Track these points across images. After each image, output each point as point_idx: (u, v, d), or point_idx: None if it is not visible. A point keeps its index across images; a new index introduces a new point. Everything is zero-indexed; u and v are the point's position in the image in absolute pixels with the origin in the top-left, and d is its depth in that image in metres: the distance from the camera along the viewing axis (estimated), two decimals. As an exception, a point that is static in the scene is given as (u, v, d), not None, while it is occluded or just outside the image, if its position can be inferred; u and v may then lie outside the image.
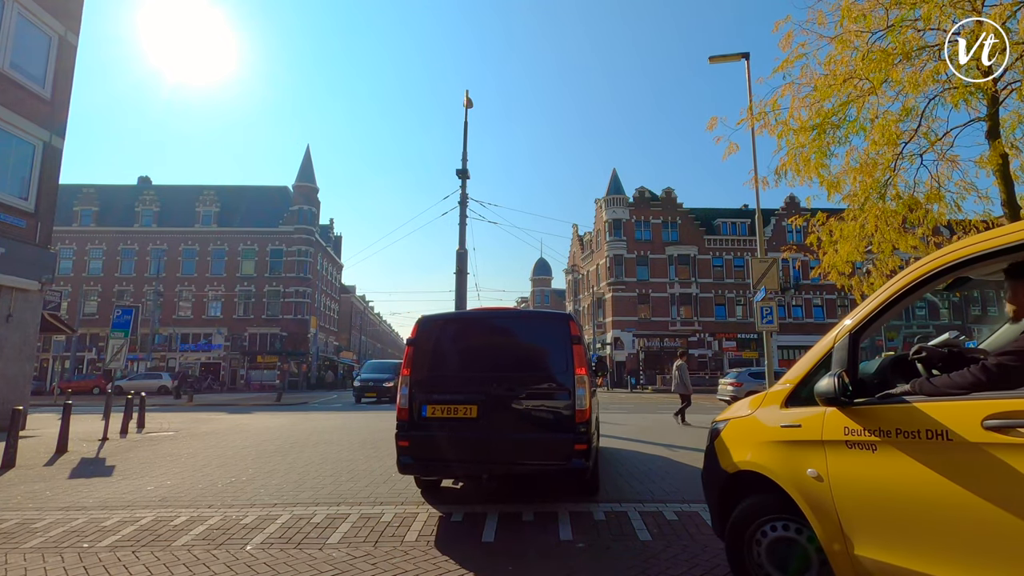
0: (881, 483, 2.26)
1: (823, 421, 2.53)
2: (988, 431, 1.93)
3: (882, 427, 2.28)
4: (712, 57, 13.02)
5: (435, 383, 5.20)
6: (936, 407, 2.14)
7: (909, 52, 6.59)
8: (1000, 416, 1.91)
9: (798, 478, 2.59)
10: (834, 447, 2.46)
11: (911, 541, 2.16)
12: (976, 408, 2.00)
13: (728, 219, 48.85)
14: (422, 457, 5.02)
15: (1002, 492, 1.89)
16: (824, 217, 8.29)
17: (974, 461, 1.97)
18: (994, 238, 2.16)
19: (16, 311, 12.83)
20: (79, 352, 39.79)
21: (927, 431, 2.12)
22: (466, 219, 19.04)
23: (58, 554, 3.93)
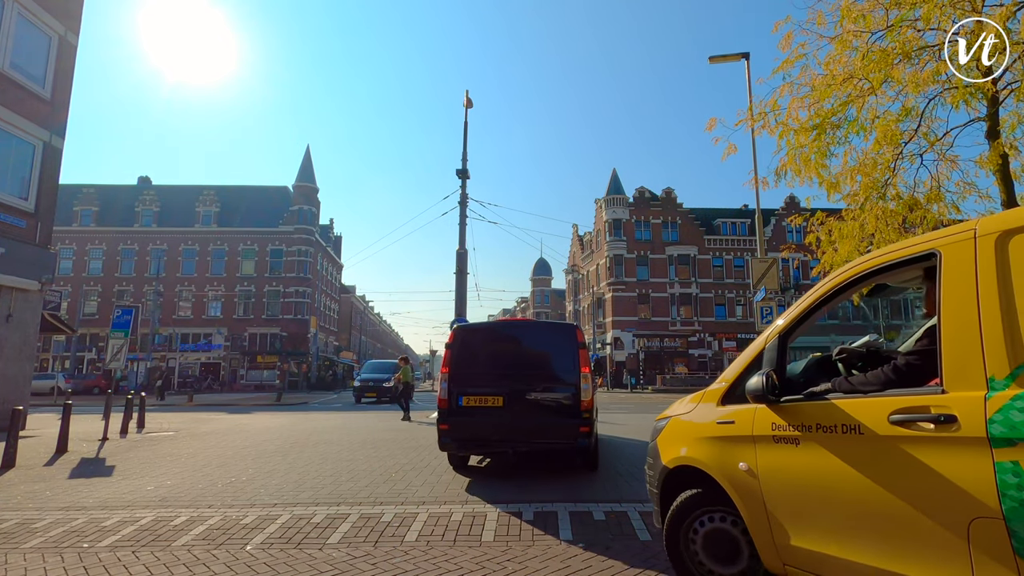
0: (803, 475, 2.44)
1: (754, 418, 2.70)
2: (893, 425, 2.12)
3: (804, 423, 2.46)
4: (712, 57, 13.03)
5: (469, 379, 6.59)
6: (850, 404, 2.32)
7: (909, 52, 6.59)
8: (903, 411, 2.10)
9: (731, 472, 2.75)
10: (763, 442, 2.63)
11: (827, 528, 2.35)
12: (883, 404, 2.19)
13: (728, 219, 48.85)
14: (459, 437, 6.45)
15: (904, 481, 2.08)
16: (824, 217, 8.29)
17: (881, 452, 2.16)
18: (902, 248, 2.38)
19: (16, 311, 12.83)
20: (79, 352, 39.79)
21: (842, 426, 2.30)
22: (466, 219, 19.04)
23: (58, 554, 3.93)
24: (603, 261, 47.88)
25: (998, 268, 1.99)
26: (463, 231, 19.01)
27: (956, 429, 1.95)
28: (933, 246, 2.24)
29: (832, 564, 2.32)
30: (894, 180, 7.57)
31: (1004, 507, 1.80)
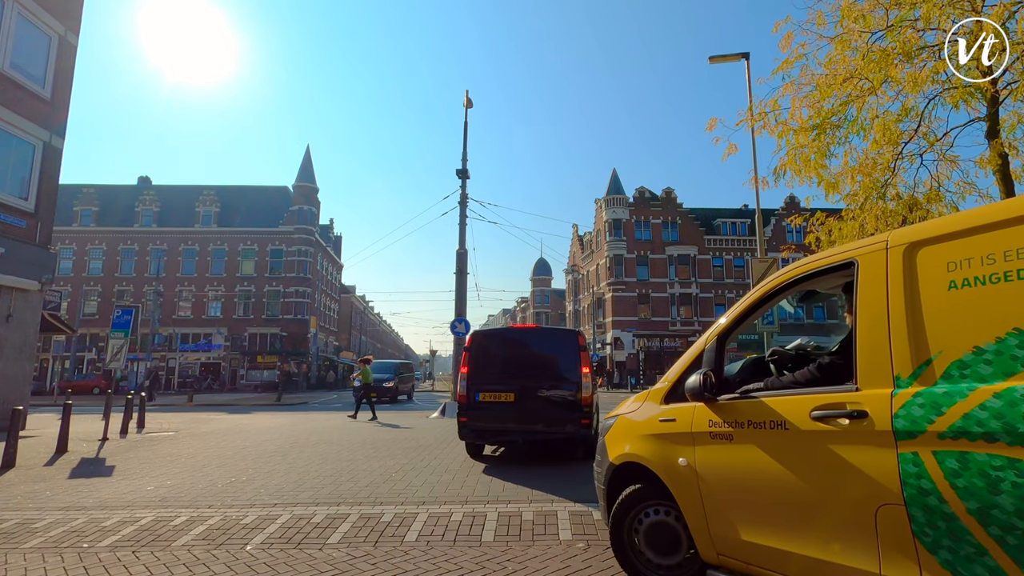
0: (735, 469, 2.60)
1: (693, 415, 2.86)
2: (814, 421, 2.28)
3: (738, 419, 2.63)
4: (712, 57, 13.02)
5: (484, 377, 7.48)
6: (777, 401, 2.49)
7: (909, 52, 6.58)
8: (822, 408, 2.27)
9: (671, 467, 2.91)
10: (701, 438, 2.79)
11: (755, 518, 2.51)
12: (806, 402, 2.36)
13: (728, 219, 48.83)
14: (476, 428, 7.43)
15: (822, 472, 2.24)
16: (823, 217, 8.28)
17: (803, 446, 2.33)
18: (827, 257, 2.56)
19: (16, 311, 12.83)
20: (79, 352, 39.77)
21: (770, 422, 2.47)
22: (466, 219, 19.04)
23: (58, 554, 3.93)
24: (603, 261, 47.87)
25: (905, 276, 2.16)
26: (463, 231, 19.00)
27: (867, 424, 2.11)
28: (852, 255, 2.42)
29: (759, 552, 2.49)
30: (894, 180, 7.57)
31: (905, 495, 1.97)
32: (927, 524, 1.92)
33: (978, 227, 2.03)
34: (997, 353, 1.87)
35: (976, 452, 1.83)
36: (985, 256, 1.96)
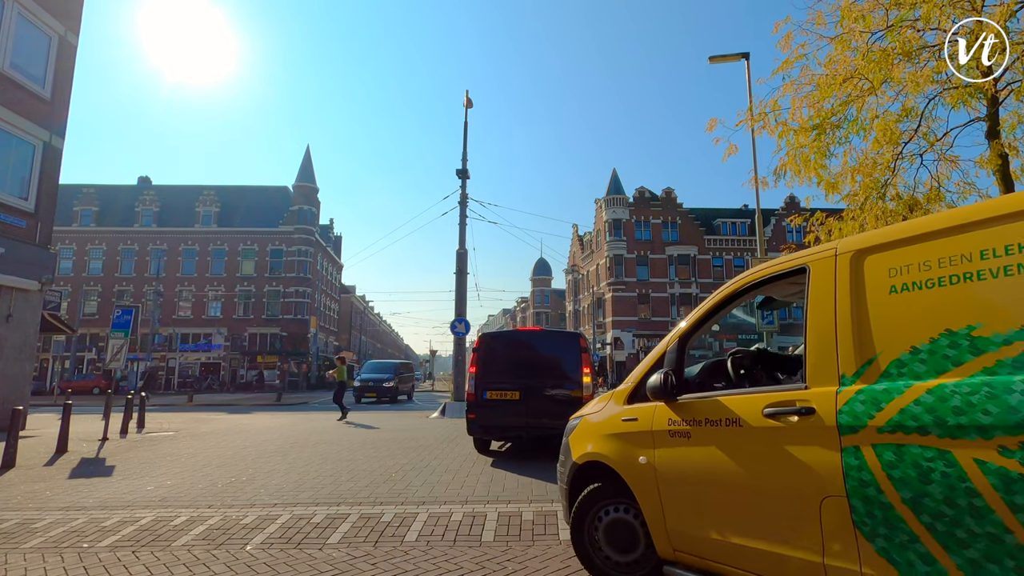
0: (692, 465, 2.70)
1: (654, 414, 2.97)
2: (766, 418, 2.38)
3: (696, 417, 2.73)
4: (712, 57, 13.02)
5: (491, 377, 7.97)
6: (733, 399, 2.61)
7: (909, 52, 6.58)
8: (774, 405, 2.38)
9: (632, 465, 3.01)
10: (661, 436, 2.90)
11: (710, 513, 2.61)
12: (759, 400, 2.47)
13: (728, 219, 48.83)
14: (483, 424, 7.94)
15: (772, 467, 2.34)
16: (823, 217, 8.28)
17: (756, 442, 2.43)
18: (781, 263, 2.69)
19: (16, 311, 12.83)
20: (79, 352, 39.77)
21: (725, 419, 2.58)
22: (466, 219, 19.04)
23: (58, 554, 3.93)
24: (603, 261, 47.87)
25: (852, 281, 2.29)
26: (463, 231, 19.00)
27: (814, 420, 2.22)
28: (804, 262, 2.55)
29: (713, 546, 2.58)
30: (894, 180, 7.57)
31: (847, 487, 2.08)
32: (866, 514, 2.03)
33: (917, 236, 2.16)
34: (931, 352, 2.00)
35: (910, 445, 1.94)
36: (922, 263, 2.10)
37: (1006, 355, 1.82)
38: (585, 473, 3.40)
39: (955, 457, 1.84)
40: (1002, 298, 1.89)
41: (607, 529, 3.19)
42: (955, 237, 2.04)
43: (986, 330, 1.89)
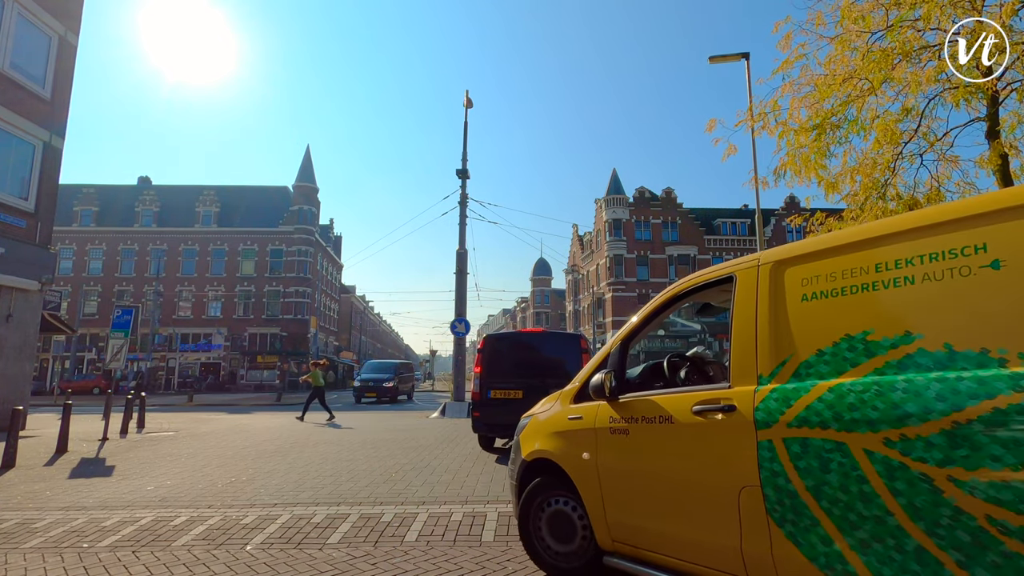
0: (630, 460, 2.89)
1: (597, 413, 3.14)
2: (695, 415, 2.57)
3: (634, 415, 2.91)
4: (712, 57, 13.03)
5: (496, 377, 8.32)
6: (666, 398, 2.79)
7: (909, 52, 6.58)
8: (702, 403, 2.56)
9: (577, 461, 3.20)
10: (603, 434, 3.07)
11: (645, 504, 2.79)
12: (689, 398, 2.65)
13: (728, 219, 48.82)
14: (488, 422, 8.22)
15: (699, 460, 2.53)
16: (823, 217, 8.28)
17: (686, 438, 2.62)
18: (713, 272, 2.89)
19: (16, 311, 12.83)
20: (79, 352, 39.77)
21: (659, 417, 2.77)
22: (466, 219, 19.03)
23: (58, 554, 3.93)
24: (603, 261, 47.87)
25: (771, 290, 2.50)
26: (463, 231, 18.99)
27: (735, 416, 2.41)
28: (732, 271, 2.75)
29: (649, 536, 2.79)
30: (894, 180, 7.57)
31: (761, 477, 2.26)
32: (776, 501, 2.22)
33: (826, 250, 2.37)
34: (833, 355, 2.20)
35: (813, 438, 2.13)
36: (829, 274, 2.31)
37: (892, 357, 2.03)
38: (534, 469, 3.58)
39: (849, 448, 2.03)
40: (890, 307, 2.10)
41: (549, 520, 3.39)
42: (856, 252, 2.26)
43: (877, 335, 2.10)
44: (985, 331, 1.85)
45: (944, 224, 2.04)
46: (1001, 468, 1.69)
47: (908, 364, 1.98)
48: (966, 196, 7.57)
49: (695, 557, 2.54)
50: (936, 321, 1.98)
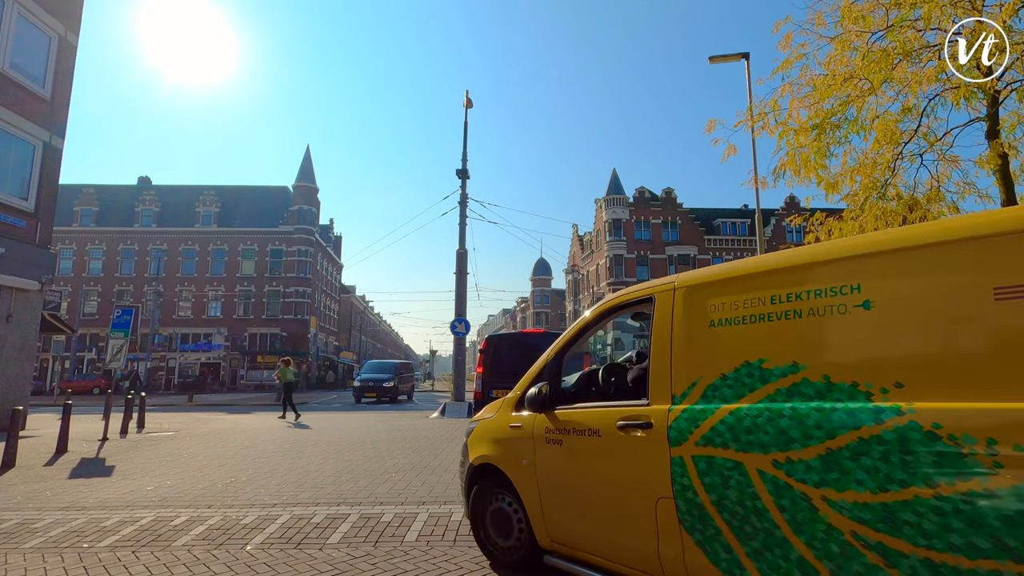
0: (563, 468, 3.10)
1: (534, 422, 3.32)
2: (619, 429, 2.74)
3: (566, 427, 3.10)
4: (712, 57, 13.02)
5: (497, 376, 8.56)
6: (595, 412, 2.97)
7: (909, 52, 6.58)
8: (625, 419, 2.73)
9: (517, 467, 3.41)
10: (540, 442, 3.26)
11: (576, 508, 3.01)
12: (615, 413, 2.81)
13: (728, 219, 48.82)
14: None
15: (622, 471, 2.72)
16: (823, 217, 8.28)
17: (610, 450, 2.80)
18: (637, 291, 3.06)
19: (16, 311, 12.83)
20: (79, 352, 39.78)
21: (588, 430, 2.95)
22: (466, 219, 19.02)
23: (58, 554, 3.93)
24: (603, 261, 47.87)
25: (684, 313, 2.63)
26: (463, 231, 18.98)
27: (652, 433, 2.58)
28: (652, 292, 2.89)
29: (581, 537, 3.00)
30: (894, 180, 7.57)
31: (674, 490, 2.44)
32: (687, 512, 2.40)
33: (731, 279, 2.51)
34: (735, 379, 2.35)
35: (716, 456, 2.31)
36: (732, 302, 2.44)
37: (782, 385, 2.19)
38: (480, 472, 3.80)
39: (745, 467, 2.20)
40: (781, 338, 2.25)
41: (492, 518, 3.65)
42: (756, 283, 2.40)
43: (771, 363, 2.25)
44: (855, 366, 2.03)
45: (828, 263, 2.19)
46: (863, 491, 1.88)
47: (795, 392, 2.15)
48: (966, 197, 7.57)
49: (621, 559, 2.74)
50: (817, 354, 2.15)
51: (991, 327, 1.77)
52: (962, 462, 1.70)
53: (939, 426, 1.76)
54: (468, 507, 3.90)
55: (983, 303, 1.77)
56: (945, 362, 1.85)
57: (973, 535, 1.65)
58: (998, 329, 1.75)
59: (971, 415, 1.72)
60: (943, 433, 1.75)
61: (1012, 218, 1.79)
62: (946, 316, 1.87)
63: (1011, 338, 1.71)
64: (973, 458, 1.68)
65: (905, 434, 1.81)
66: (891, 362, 1.95)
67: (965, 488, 1.68)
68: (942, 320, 1.88)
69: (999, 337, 1.75)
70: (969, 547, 1.66)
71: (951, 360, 1.84)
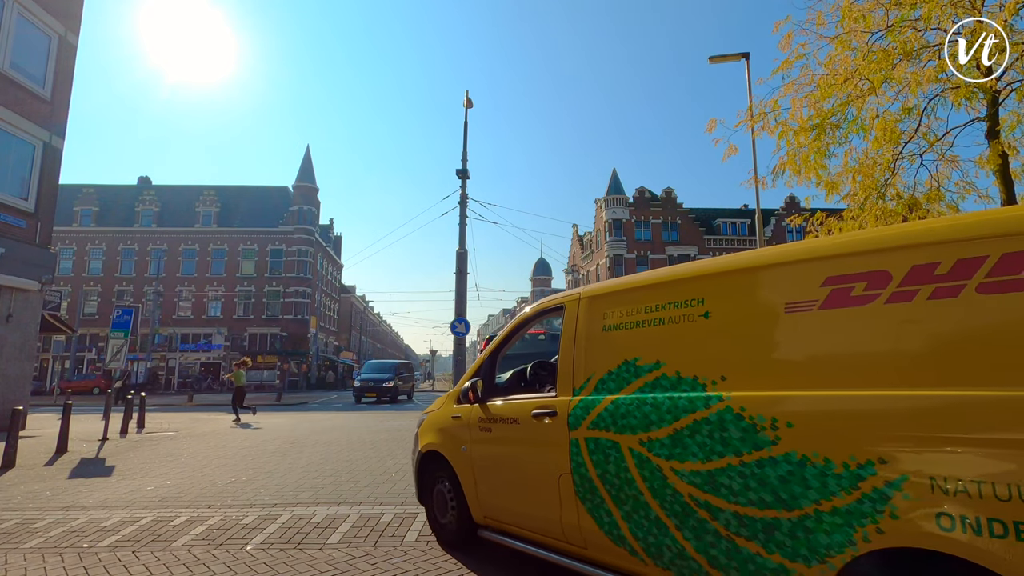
0: (491, 452, 3.58)
1: (471, 413, 3.80)
2: (533, 417, 3.23)
3: (494, 416, 3.59)
4: (712, 57, 13.02)
5: None
6: (516, 403, 3.48)
7: (910, 51, 6.57)
8: (538, 408, 3.22)
9: (456, 453, 3.90)
10: (474, 431, 3.74)
11: (502, 486, 3.50)
12: (531, 404, 3.32)
13: (728, 219, 48.82)
14: None
15: (534, 453, 3.23)
16: (823, 217, 8.27)
17: (526, 435, 3.29)
18: (556, 299, 3.49)
19: (16, 311, 12.82)
20: (79, 352, 39.75)
21: (510, 418, 3.44)
22: (466, 219, 19.01)
23: (58, 554, 3.93)
24: (603, 261, 47.87)
25: (585, 319, 3.13)
26: (463, 231, 18.99)
27: (557, 420, 3.07)
28: (563, 301, 3.39)
29: (505, 511, 3.49)
30: (894, 180, 7.56)
31: (572, 467, 2.94)
32: (580, 484, 2.89)
33: (619, 291, 3.03)
34: (616, 375, 2.84)
35: (601, 437, 2.80)
36: (619, 311, 2.94)
37: (648, 379, 2.67)
38: (427, 459, 4.29)
39: (620, 446, 2.69)
40: (650, 341, 2.73)
41: (435, 498, 4.18)
42: (636, 295, 2.90)
43: (642, 362, 2.73)
44: (697, 363, 2.50)
45: (683, 281, 2.69)
46: (696, 461, 2.36)
47: (656, 385, 2.63)
48: (966, 197, 7.56)
49: (536, 528, 3.25)
50: (673, 354, 2.62)
51: (782, 333, 2.26)
52: (756, 437, 2.18)
53: (744, 409, 2.24)
54: (418, 489, 4.43)
55: (778, 315, 2.27)
56: (753, 359, 2.32)
57: (762, 491, 2.13)
58: (786, 334, 2.25)
59: (763, 400, 2.20)
60: (746, 415, 2.23)
61: (799, 250, 2.31)
62: (754, 324, 2.36)
63: (795, 341, 2.21)
64: (763, 433, 2.16)
65: (723, 416, 2.30)
66: (720, 360, 2.41)
67: (758, 456, 2.16)
68: (751, 327, 2.36)
69: (787, 340, 2.25)
70: (760, 501, 2.14)
71: (756, 358, 2.31)
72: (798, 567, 2.00)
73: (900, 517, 1.77)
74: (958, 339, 1.82)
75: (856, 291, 2.06)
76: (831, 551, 1.92)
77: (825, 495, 1.96)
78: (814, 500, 1.98)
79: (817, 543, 1.96)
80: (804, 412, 2.08)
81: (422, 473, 4.35)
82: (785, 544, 2.05)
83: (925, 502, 1.73)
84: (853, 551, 1.87)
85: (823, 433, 2.01)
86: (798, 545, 2.01)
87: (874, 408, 1.90)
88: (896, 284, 1.97)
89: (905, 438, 1.81)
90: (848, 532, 1.89)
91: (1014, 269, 1.71)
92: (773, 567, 2.08)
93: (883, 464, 1.84)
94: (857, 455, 1.90)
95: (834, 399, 2.02)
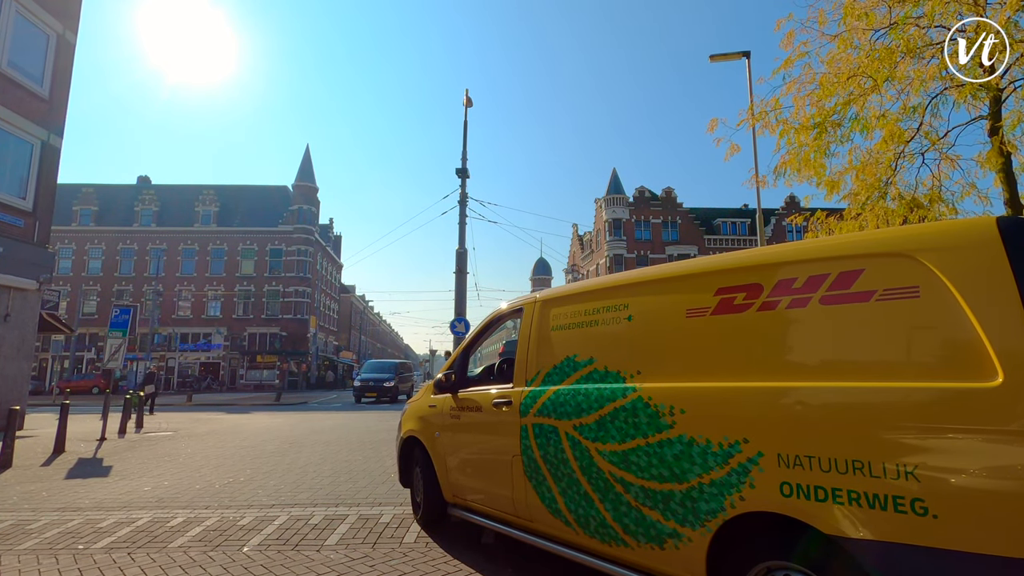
0: (459, 437, 4.05)
1: (444, 402, 4.27)
2: (494, 406, 3.65)
3: (463, 405, 4.04)
4: (713, 56, 12.99)
5: None
6: (480, 393, 3.90)
7: (913, 49, 6.54)
8: (498, 397, 3.65)
9: (431, 438, 4.38)
10: (446, 418, 4.20)
11: (466, 468, 3.96)
12: (493, 394, 3.73)
13: (728, 219, 48.78)
14: None
15: (493, 437, 3.67)
16: (824, 216, 8.23)
17: (488, 422, 3.72)
18: (517, 303, 3.93)
19: (14, 311, 12.78)
20: (78, 352, 39.68)
21: (475, 406, 3.89)
22: (466, 218, 18.98)
23: (53, 556, 3.90)
24: (603, 261, 47.83)
25: (539, 321, 3.55)
26: (463, 230, 18.96)
27: (512, 408, 3.48)
28: (522, 304, 3.82)
29: (468, 490, 3.94)
30: (894, 179, 7.52)
31: (522, 448, 3.35)
32: (527, 465, 3.30)
33: (567, 296, 3.44)
34: (560, 369, 3.25)
35: (544, 423, 3.20)
36: (564, 313, 3.37)
37: (584, 373, 3.07)
38: (408, 444, 4.79)
39: (559, 430, 3.09)
40: (586, 340, 3.14)
41: (415, 481, 4.66)
42: (577, 300, 3.30)
43: (580, 358, 3.13)
44: (621, 360, 2.89)
45: (614, 288, 3.10)
46: (615, 443, 2.74)
47: (589, 378, 3.02)
48: (967, 196, 7.52)
49: (494, 504, 3.65)
50: (604, 352, 3.01)
51: (684, 334, 2.63)
52: (659, 421, 2.56)
53: (651, 398, 2.63)
54: (400, 473, 4.93)
55: (682, 319, 2.65)
56: (661, 356, 2.71)
57: (661, 467, 2.51)
58: (687, 335, 2.61)
59: (665, 391, 2.59)
60: (652, 403, 2.61)
61: (700, 265, 2.70)
62: (664, 326, 2.74)
63: (693, 340, 2.58)
64: (664, 418, 2.54)
65: (636, 404, 2.69)
66: (637, 357, 2.81)
67: (659, 438, 2.54)
68: (662, 329, 2.75)
69: (687, 340, 2.61)
70: (659, 475, 2.52)
71: (664, 355, 2.70)
72: (687, 531, 2.39)
73: (756, 487, 2.15)
74: (806, 341, 2.23)
75: (737, 300, 2.44)
76: (709, 516, 2.30)
77: (706, 469, 2.33)
78: (698, 474, 2.36)
79: (700, 510, 2.33)
80: (693, 400, 2.46)
81: (404, 457, 4.87)
82: (678, 511, 2.43)
83: (774, 474, 2.10)
84: (724, 515, 2.24)
85: (706, 418, 2.39)
86: (687, 512, 2.39)
87: (743, 397, 2.29)
88: (765, 295, 2.35)
89: (763, 420, 2.19)
90: (720, 500, 2.26)
91: (847, 284, 2.10)
92: (669, 531, 2.47)
93: (746, 443, 2.21)
94: (729, 435, 2.27)
95: (715, 390, 2.41)
